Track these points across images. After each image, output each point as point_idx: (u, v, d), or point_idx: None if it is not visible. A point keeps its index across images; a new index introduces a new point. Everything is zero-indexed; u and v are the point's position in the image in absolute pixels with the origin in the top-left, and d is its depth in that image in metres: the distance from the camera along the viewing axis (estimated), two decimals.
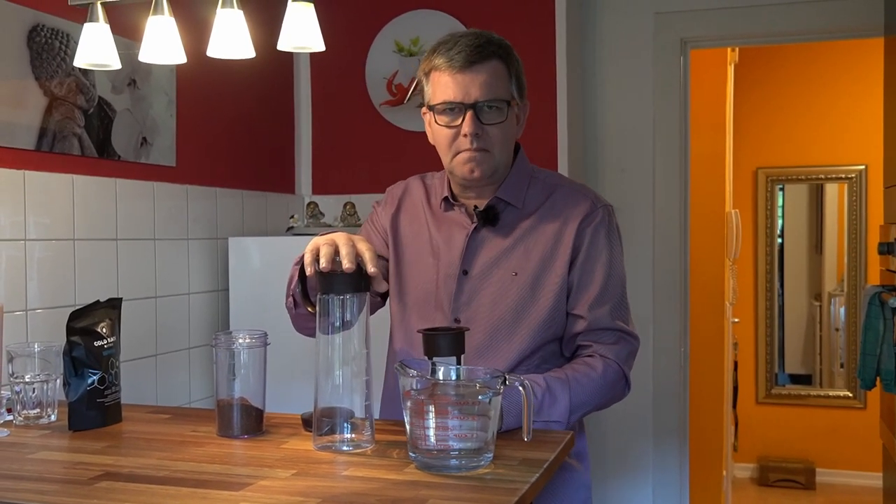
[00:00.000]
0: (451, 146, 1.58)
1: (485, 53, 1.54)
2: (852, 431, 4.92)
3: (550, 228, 1.61)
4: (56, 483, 1.24)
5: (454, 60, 1.53)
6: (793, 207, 5.20)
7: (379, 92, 3.12)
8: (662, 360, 3.15)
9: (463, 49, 1.53)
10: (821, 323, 5.18)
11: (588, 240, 1.61)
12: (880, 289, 2.37)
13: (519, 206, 1.63)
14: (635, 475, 3.19)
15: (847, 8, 2.93)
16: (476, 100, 1.53)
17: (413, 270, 1.67)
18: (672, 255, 3.15)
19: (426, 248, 1.67)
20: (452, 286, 1.61)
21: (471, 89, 1.53)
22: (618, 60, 3.16)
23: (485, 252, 1.62)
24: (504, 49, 1.58)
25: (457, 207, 1.66)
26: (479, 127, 1.54)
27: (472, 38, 1.55)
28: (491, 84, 1.54)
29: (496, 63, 1.55)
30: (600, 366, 1.56)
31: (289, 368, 2.23)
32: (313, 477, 1.23)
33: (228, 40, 1.80)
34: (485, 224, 1.62)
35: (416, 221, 1.71)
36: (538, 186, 1.66)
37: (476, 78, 1.53)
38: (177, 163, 2.52)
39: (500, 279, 1.60)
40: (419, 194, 1.74)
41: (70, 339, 1.55)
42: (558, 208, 1.63)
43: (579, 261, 1.60)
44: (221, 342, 1.48)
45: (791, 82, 4.99)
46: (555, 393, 1.50)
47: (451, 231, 1.65)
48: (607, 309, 1.60)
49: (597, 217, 1.63)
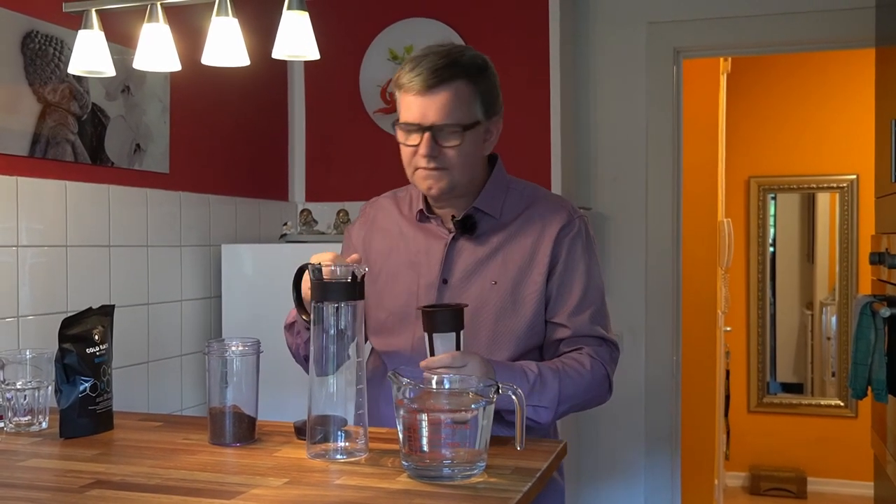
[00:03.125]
0: (411, 163, 1.60)
1: (444, 76, 1.53)
2: (844, 440, 4.92)
3: (528, 238, 1.63)
4: (47, 491, 1.23)
5: (413, 83, 1.54)
6: (785, 216, 5.21)
7: (373, 100, 3.13)
8: (655, 368, 3.15)
9: (422, 72, 1.53)
10: (812, 332, 5.19)
11: (566, 250, 1.63)
12: (872, 298, 2.38)
13: (496, 216, 1.64)
14: (627, 483, 3.19)
15: (839, 18, 2.95)
16: (433, 123, 1.54)
17: (392, 284, 1.68)
18: (664, 263, 3.16)
19: (403, 261, 1.68)
20: (433, 295, 1.62)
21: (428, 112, 1.54)
22: (611, 70, 3.17)
23: (463, 261, 1.63)
24: (472, 68, 1.57)
25: (432, 219, 1.68)
26: (436, 148, 1.56)
27: (434, 60, 1.54)
28: (448, 108, 1.54)
29: (459, 85, 1.55)
30: (588, 362, 1.58)
31: (281, 376, 2.23)
32: (305, 485, 1.23)
33: (223, 48, 1.81)
34: (463, 233, 1.64)
35: (388, 237, 1.72)
36: (515, 197, 1.68)
37: (434, 102, 1.54)
38: (170, 169, 2.52)
39: (480, 288, 1.61)
40: (392, 210, 1.75)
41: (62, 346, 1.54)
42: (535, 218, 1.65)
43: (558, 271, 1.62)
44: (214, 350, 1.47)
45: (783, 92, 5.02)
46: (546, 380, 1.52)
47: (428, 241, 1.67)
48: (587, 316, 1.62)
49: (574, 227, 1.64)
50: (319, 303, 1.36)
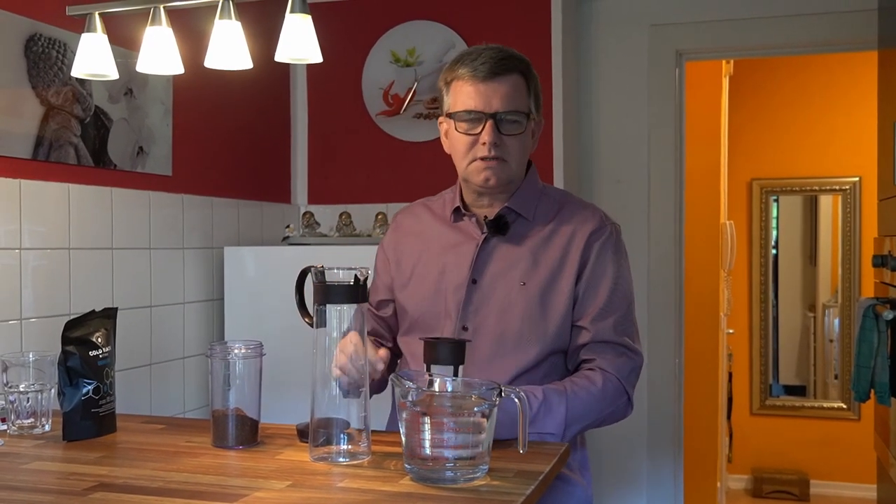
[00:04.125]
0: (469, 153, 1.61)
1: (508, 66, 1.59)
2: (846, 443, 4.91)
3: (559, 241, 1.64)
4: (50, 494, 1.23)
5: (478, 71, 1.57)
6: (787, 219, 5.21)
7: (375, 102, 3.13)
8: (657, 370, 3.15)
9: (487, 60, 1.58)
10: (815, 334, 5.18)
11: (595, 254, 1.63)
12: (874, 301, 2.38)
13: (529, 218, 1.66)
14: (630, 486, 3.19)
15: (841, 21, 2.95)
16: (497, 110, 1.58)
17: (421, 285, 1.69)
18: (667, 265, 3.15)
19: (434, 262, 1.69)
20: (462, 294, 1.63)
21: (492, 100, 1.58)
22: (613, 72, 3.17)
23: (494, 261, 1.63)
24: (525, 64, 1.63)
25: (467, 217, 1.69)
26: (498, 137, 1.58)
27: (495, 52, 1.60)
28: (512, 96, 1.59)
29: (517, 77, 1.60)
30: (600, 379, 1.57)
31: (284, 379, 2.23)
32: (308, 488, 1.23)
33: (226, 51, 1.81)
34: (495, 233, 1.64)
35: (420, 240, 1.73)
36: (548, 201, 1.69)
37: (498, 89, 1.58)
38: (173, 172, 2.52)
39: (509, 289, 1.61)
40: (423, 214, 1.77)
41: (65, 349, 1.55)
42: (567, 222, 1.66)
43: (586, 274, 1.62)
44: (217, 352, 1.47)
45: (786, 94, 5.01)
46: (551, 404, 1.50)
47: (460, 240, 1.67)
48: (611, 322, 1.61)
49: (605, 233, 1.66)
50: (322, 305, 1.36)
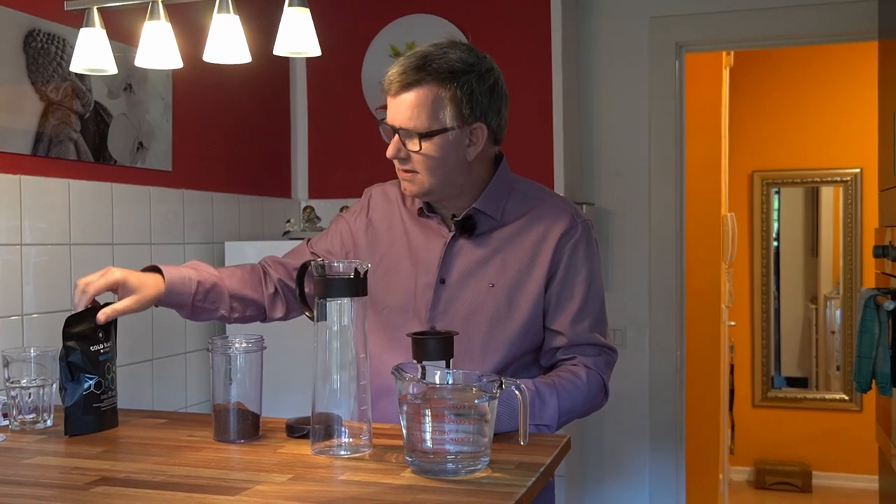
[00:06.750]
0: None
1: (411, 81, 1.51)
2: (848, 434, 4.92)
3: (529, 241, 1.61)
4: (52, 488, 1.24)
5: (389, 83, 1.54)
6: (788, 210, 5.20)
7: (375, 96, 3.12)
8: (659, 363, 3.15)
9: (393, 74, 1.53)
10: (817, 326, 5.18)
11: (567, 256, 1.61)
12: (875, 292, 2.38)
13: (496, 218, 1.62)
14: (632, 478, 3.19)
15: (842, 12, 2.94)
16: (399, 126, 1.54)
17: (391, 279, 1.66)
18: (668, 258, 3.15)
19: (403, 256, 1.66)
20: (429, 295, 1.61)
21: (396, 114, 1.55)
22: (613, 64, 3.17)
23: (461, 261, 1.61)
24: (443, 73, 1.51)
25: (433, 216, 1.66)
26: (402, 150, 1.56)
27: (408, 62, 1.53)
28: (408, 113, 1.53)
29: (427, 90, 1.51)
30: (584, 374, 1.58)
31: (285, 373, 2.23)
32: (310, 481, 1.23)
33: (225, 45, 1.81)
34: (462, 233, 1.62)
35: (390, 230, 1.70)
36: (518, 198, 1.65)
37: (400, 104, 1.53)
38: (173, 167, 2.52)
39: (477, 289, 1.60)
40: (395, 200, 1.73)
41: (66, 344, 1.54)
42: (538, 222, 1.63)
43: (558, 277, 1.60)
44: (218, 347, 1.48)
45: (786, 86, 5.00)
46: (544, 397, 1.51)
47: (428, 238, 1.65)
48: (587, 324, 1.61)
49: (576, 233, 1.62)
50: (323, 299, 1.36)
